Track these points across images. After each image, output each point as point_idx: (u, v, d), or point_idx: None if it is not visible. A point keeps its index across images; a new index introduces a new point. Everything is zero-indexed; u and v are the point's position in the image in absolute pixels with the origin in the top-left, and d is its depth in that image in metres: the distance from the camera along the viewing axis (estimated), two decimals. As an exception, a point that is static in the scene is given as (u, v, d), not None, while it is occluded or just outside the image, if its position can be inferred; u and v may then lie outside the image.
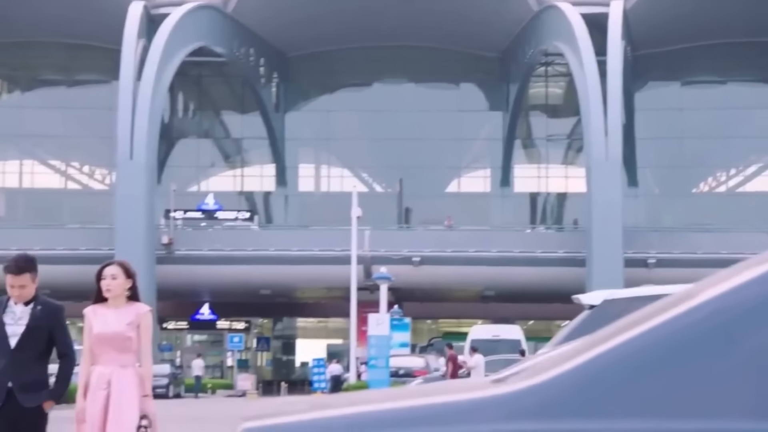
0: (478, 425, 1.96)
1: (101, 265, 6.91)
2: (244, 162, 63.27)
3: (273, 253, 50.63)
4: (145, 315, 6.85)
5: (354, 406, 2.15)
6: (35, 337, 6.71)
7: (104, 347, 6.69)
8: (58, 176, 62.91)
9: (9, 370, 6.66)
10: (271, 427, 2.13)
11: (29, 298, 6.77)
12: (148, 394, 6.72)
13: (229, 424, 11.50)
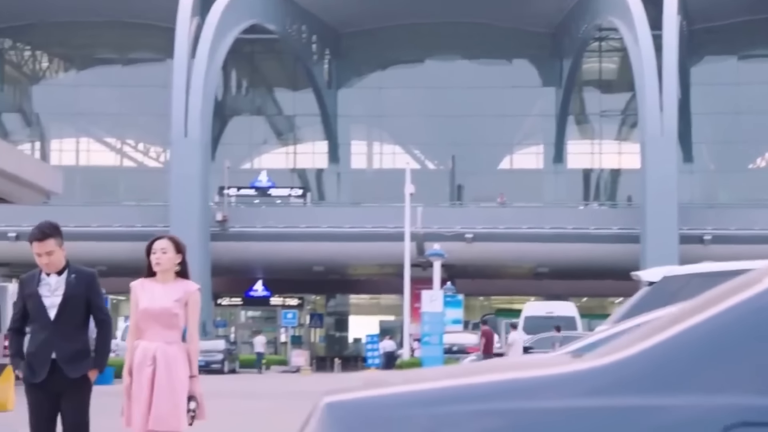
0: (565, 399, 1.98)
1: (151, 239, 6.80)
2: (297, 139, 63.44)
3: (325, 229, 50.77)
4: (193, 293, 6.70)
5: (436, 380, 2.17)
6: (73, 306, 6.63)
7: (150, 322, 6.61)
8: (114, 154, 63.56)
9: (51, 342, 6.59)
10: (353, 401, 2.16)
11: (60, 267, 6.66)
12: (195, 375, 6.61)
13: (286, 399, 11.67)
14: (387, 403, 2.13)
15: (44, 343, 6.58)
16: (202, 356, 41.41)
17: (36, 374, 6.57)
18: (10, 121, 61.69)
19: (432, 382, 2.20)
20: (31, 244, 6.57)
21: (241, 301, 60.42)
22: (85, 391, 6.63)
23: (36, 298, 6.61)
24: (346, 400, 2.14)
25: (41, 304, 6.60)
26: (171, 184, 50.53)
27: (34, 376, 6.58)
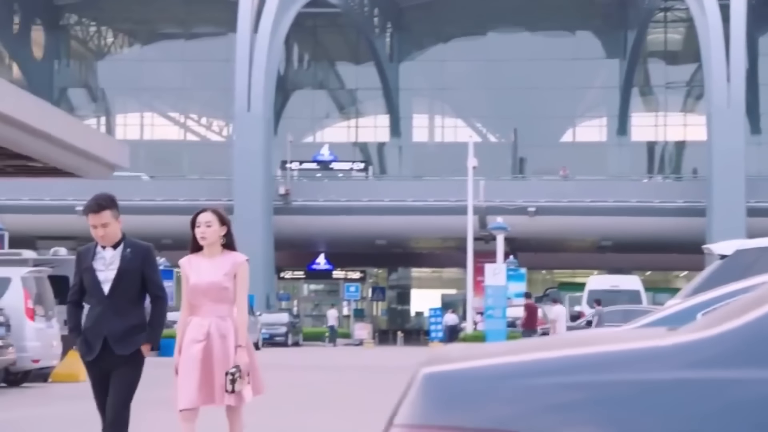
0: (669, 372, 1.96)
1: (195, 212, 6.64)
2: (359, 113, 63.47)
3: (388, 203, 50.85)
4: (241, 265, 6.55)
5: (534, 352, 2.16)
6: (128, 280, 6.47)
7: (200, 298, 6.50)
8: (177, 128, 64.08)
9: (104, 318, 6.46)
10: (451, 372, 2.15)
11: (116, 240, 6.49)
12: (241, 345, 6.47)
13: (351, 371, 11.67)
14: (486, 375, 2.12)
15: (98, 319, 6.47)
16: (266, 329, 41.82)
17: (90, 350, 6.47)
18: (76, 96, 62.46)
19: (530, 354, 2.18)
20: (87, 216, 6.46)
21: (303, 274, 60.79)
22: (135, 368, 6.49)
23: (91, 272, 6.49)
24: (444, 371, 2.13)
25: (95, 278, 6.48)
26: (234, 158, 50.92)
27: (89, 353, 6.47)
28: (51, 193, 47.11)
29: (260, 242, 49.92)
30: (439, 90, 61.47)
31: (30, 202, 47.86)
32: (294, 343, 44.77)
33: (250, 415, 13.25)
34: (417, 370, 2.27)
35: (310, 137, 61.94)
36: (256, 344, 38.99)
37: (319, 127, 62.97)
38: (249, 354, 6.49)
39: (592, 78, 60.48)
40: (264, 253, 50.35)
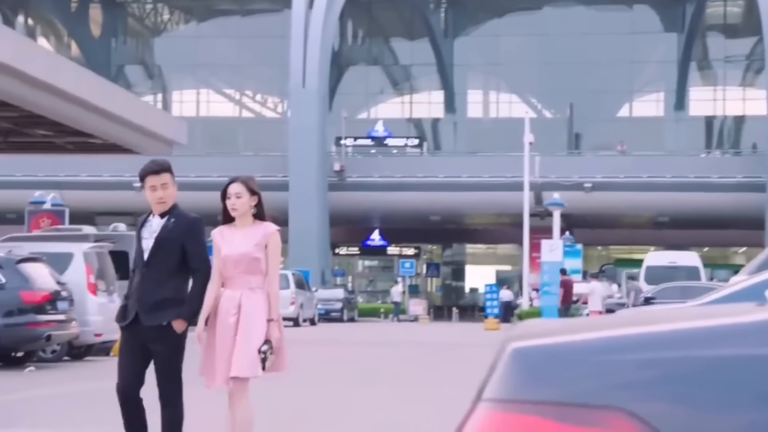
0: (762, 348, 1.94)
1: (226, 182, 6.52)
2: (413, 88, 63.32)
3: (442, 179, 50.80)
4: (272, 235, 6.45)
5: (622, 328, 2.14)
6: (166, 250, 6.37)
7: (232, 270, 6.39)
8: (232, 105, 64.37)
9: (140, 286, 6.43)
10: (540, 347, 2.14)
11: (170, 206, 6.45)
12: (273, 319, 6.34)
13: (407, 347, 11.66)
14: (575, 350, 2.11)
15: (136, 287, 6.43)
16: (322, 305, 42.06)
17: (124, 317, 6.44)
18: (133, 74, 62.96)
19: (619, 329, 2.17)
20: (145, 179, 6.38)
21: (358, 250, 60.95)
22: (170, 343, 6.33)
23: (138, 240, 6.48)
24: (532, 345, 2.12)
25: (140, 246, 6.46)
26: (289, 135, 51.13)
27: (122, 319, 6.45)
28: (109, 169, 47.65)
29: (315, 218, 50.16)
30: (493, 65, 61.11)
31: (89, 178, 48.44)
32: (349, 319, 44.98)
33: (304, 389, 13.35)
34: (505, 344, 2.26)
35: (365, 113, 61.96)
36: (312, 319, 39.52)
37: (374, 103, 62.93)
38: (279, 329, 6.39)
39: (650, 52, 59.78)
40: (319, 229, 50.58)
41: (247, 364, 6.22)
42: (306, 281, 40.05)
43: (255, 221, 6.45)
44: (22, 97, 21.93)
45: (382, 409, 11.35)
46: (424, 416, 10.92)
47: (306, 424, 9.89)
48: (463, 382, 15.55)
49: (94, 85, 24.55)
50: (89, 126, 25.03)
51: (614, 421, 1.96)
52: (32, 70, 20.78)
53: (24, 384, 13.80)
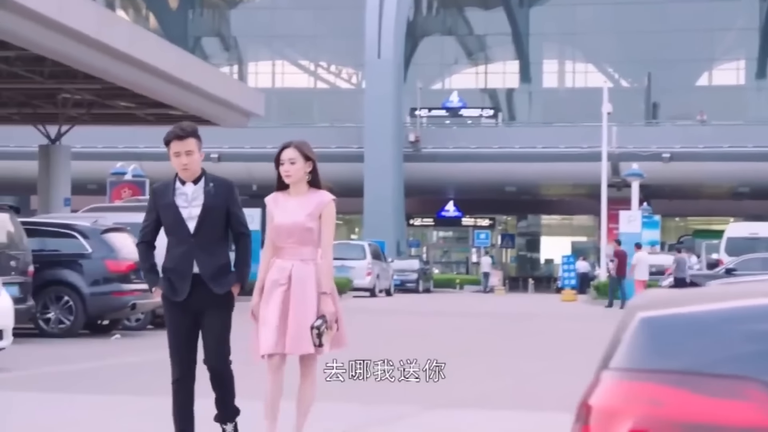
0: None
1: (279, 147, 6.20)
2: (488, 59, 62.91)
3: (518, 150, 50.49)
4: (327, 204, 6.13)
5: (745, 298, 2.13)
6: (214, 217, 6.12)
7: (284, 239, 6.10)
8: (307, 76, 64.55)
9: (192, 256, 6.10)
10: (670, 316, 2.14)
11: (197, 175, 6.17)
12: (326, 292, 6.05)
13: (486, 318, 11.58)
14: (705, 320, 2.11)
15: (184, 258, 6.10)
16: (398, 276, 42.15)
17: (177, 291, 6.11)
18: (210, 45, 63.42)
19: (743, 300, 2.16)
20: (169, 144, 6.15)
21: (432, 221, 60.94)
22: (228, 308, 6.17)
23: (172, 209, 6.12)
24: (660, 316, 2.13)
25: (179, 215, 6.11)
26: (365, 106, 51.18)
27: (176, 294, 6.11)
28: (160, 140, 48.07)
29: (390, 189, 50.21)
30: (569, 35, 60.42)
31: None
32: (425, 290, 45.01)
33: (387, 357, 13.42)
34: (631, 314, 2.27)
35: (439, 84, 61.75)
36: (388, 290, 39.66)
37: (448, 73, 62.67)
38: (334, 302, 6.10)
39: (730, 19, 58.60)
40: (394, 199, 50.65)
41: (304, 340, 5.97)
42: (382, 252, 40.17)
43: (310, 189, 6.16)
44: (105, 69, 22.28)
45: (461, 381, 11.37)
46: (501, 387, 10.93)
47: (393, 394, 9.96)
48: (543, 353, 15.53)
49: (175, 58, 24.82)
50: (170, 98, 25.35)
51: (747, 391, 1.96)
52: (115, 42, 21.07)
53: (110, 351, 14.09)
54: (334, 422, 7.91)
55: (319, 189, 6.16)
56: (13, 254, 15.01)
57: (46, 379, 10.85)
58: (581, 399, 2.19)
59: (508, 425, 8.06)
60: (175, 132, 6.13)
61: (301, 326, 5.93)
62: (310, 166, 6.12)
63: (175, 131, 6.14)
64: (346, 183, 50.85)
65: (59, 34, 19.56)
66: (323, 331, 5.89)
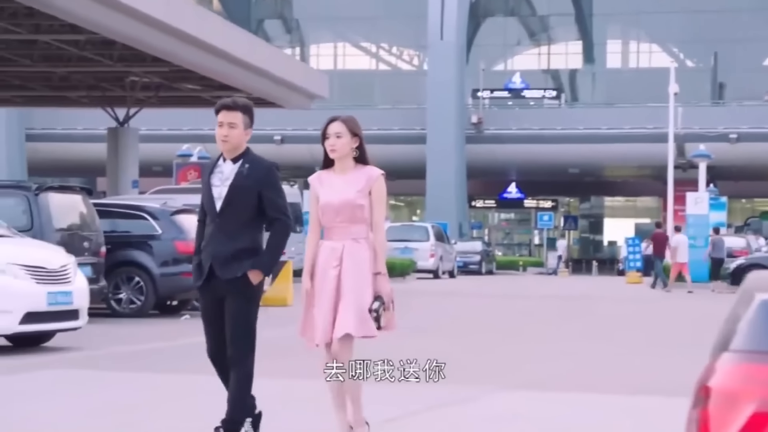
0: None
1: (325, 122, 5.89)
2: (550, 39, 62.42)
3: (582, 131, 50.12)
4: (377, 180, 5.78)
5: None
6: (241, 198, 5.78)
7: (333, 218, 5.77)
8: (369, 58, 64.54)
9: (213, 238, 5.83)
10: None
11: (238, 152, 5.85)
12: (380, 272, 5.72)
13: (553, 300, 11.49)
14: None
15: (211, 239, 5.83)
16: (460, 257, 42.08)
17: (200, 274, 5.84)
18: (272, 27, 63.66)
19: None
20: (218, 113, 5.84)
21: (494, 203, 60.74)
22: (245, 296, 5.76)
23: (207, 187, 5.89)
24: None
25: (211, 194, 5.85)
26: (427, 87, 51.09)
27: (198, 277, 5.86)
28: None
29: (453, 171, 50.12)
30: (633, 14, 59.70)
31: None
32: (487, 272, 44.91)
33: (448, 340, 13.43)
34: (748, 297, 2.24)
35: (501, 65, 61.40)
36: (451, 272, 39.61)
37: (510, 54, 62.29)
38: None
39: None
40: (456, 181, 50.55)
41: (358, 322, 5.64)
42: (445, 234, 40.12)
43: (357, 165, 5.82)
44: (173, 52, 22.47)
45: (533, 362, 11.35)
46: (572, 369, 10.89)
47: (459, 375, 9.98)
48: (613, 335, 15.45)
49: (241, 40, 24.96)
50: (235, 80, 25.51)
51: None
52: (183, 25, 21.23)
53: (180, 331, 14.25)
54: (412, 403, 7.95)
55: (364, 165, 5.83)
56: (85, 235, 15.24)
57: (118, 358, 11.01)
58: (698, 382, 2.17)
59: (583, 408, 8.04)
60: (225, 102, 5.86)
61: (361, 309, 5.63)
62: (357, 142, 5.79)
63: (225, 101, 5.87)
64: (408, 165, 50.84)
65: (129, 17, 19.76)
66: (381, 314, 5.64)
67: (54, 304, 11.14)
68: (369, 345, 6.12)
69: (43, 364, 10.19)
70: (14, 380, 9.13)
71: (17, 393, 8.44)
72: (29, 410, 7.46)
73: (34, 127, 51.07)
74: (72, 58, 24.67)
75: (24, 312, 10.84)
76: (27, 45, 23.77)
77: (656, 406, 8.08)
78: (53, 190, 15.10)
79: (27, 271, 10.95)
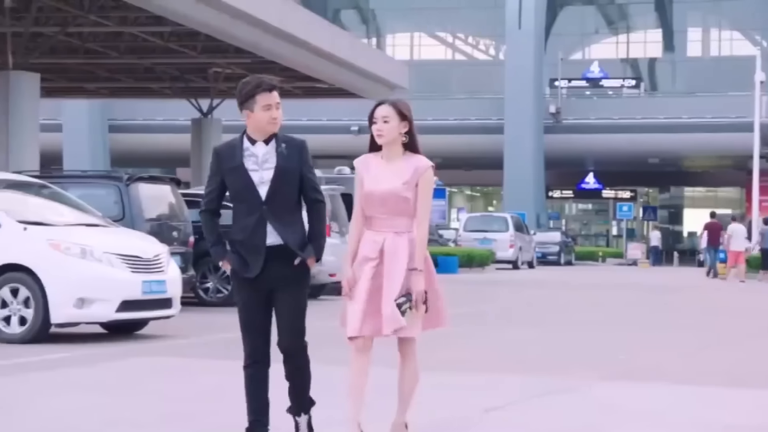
0: None
1: (374, 105, 5.53)
2: (629, 27, 61.65)
3: (662, 121, 49.44)
4: (426, 171, 5.41)
5: None
6: (288, 181, 5.37)
7: (376, 208, 5.42)
8: (445, 48, 64.36)
9: (264, 227, 5.36)
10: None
11: (269, 135, 5.40)
12: (417, 268, 5.36)
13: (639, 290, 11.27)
14: None
15: (256, 229, 5.35)
16: (539, 248, 41.80)
17: (249, 266, 5.37)
18: (348, 18, 63.76)
19: None
20: (253, 97, 5.33)
21: (572, 193, 60.26)
22: (304, 284, 5.46)
23: (241, 172, 5.36)
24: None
25: (249, 179, 5.35)
26: (505, 77, 50.78)
27: (248, 269, 5.37)
28: (327, 113, 48.57)
29: (530, 161, 49.78)
30: (715, 1, 58.73)
31: (309, 122, 49.52)
32: (566, 263, 44.55)
33: (538, 328, 13.31)
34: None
35: (579, 54, 60.80)
36: (530, 263, 39.37)
37: (588, 43, 61.66)
38: (429, 280, 5.43)
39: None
40: (534, 172, 50.21)
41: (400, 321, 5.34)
42: (524, 224, 39.88)
43: (406, 153, 5.45)
44: (256, 43, 22.60)
45: (632, 352, 11.23)
46: (671, 359, 10.75)
47: (551, 365, 9.90)
48: (705, 325, 15.20)
49: (324, 31, 25.02)
50: (318, 71, 25.59)
51: None
52: (266, 16, 21.34)
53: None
54: (510, 392, 7.90)
55: (414, 153, 5.46)
56: (174, 225, 15.41)
57: (208, 346, 11.13)
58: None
59: (691, 400, 7.92)
60: (263, 85, 5.34)
61: (392, 304, 5.32)
62: (406, 127, 5.40)
63: (264, 84, 5.35)
64: (484, 155, 50.65)
65: (214, 8, 19.92)
66: (405, 310, 5.28)
67: (149, 293, 11.28)
68: (457, 334, 6.08)
69: (137, 352, 10.34)
70: (109, 367, 9.27)
71: (112, 380, 8.57)
72: (124, 397, 7.55)
73: (116, 118, 51.83)
74: (157, 50, 24.96)
75: (120, 300, 11.00)
76: (114, 37, 24.11)
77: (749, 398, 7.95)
78: (143, 180, 15.28)
79: (123, 260, 11.10)
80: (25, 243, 10.84)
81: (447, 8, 60.89)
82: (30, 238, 10.89)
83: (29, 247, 10.82)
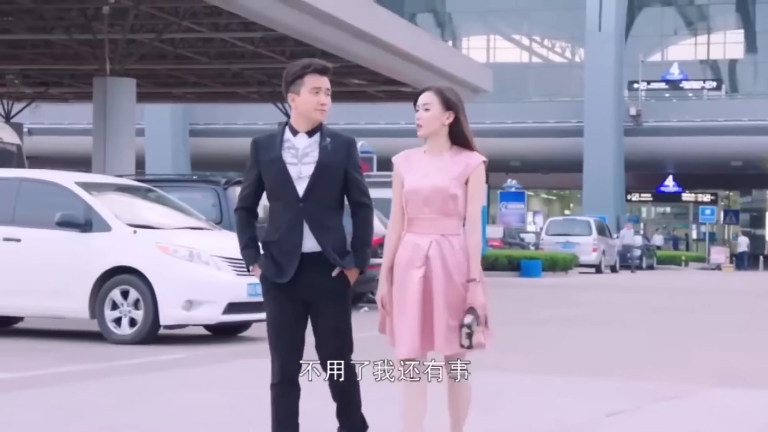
0: None
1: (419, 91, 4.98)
2: (710, 28, 60.85)
3: (746, 123, 48.76)
4: (477, 167, 4.79)
5: None
6: (329, 179, 4.77)
7: (419, 208, 4.79)
8: (521, 50, 64.09)
9: (300, 227, 4.76)
10: None
11: (315, 126, 4.82)
12: (475, 279, 4.73)
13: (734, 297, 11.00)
14: None
15: (291, 229, 4.76)
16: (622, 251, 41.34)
17: (282, 271, 4.77)
18: (424, 21, 63.79)
19: None
20: (302, 77, 4.76)
21: (650, 196, 59.63)
22: (347, 294, 4.86)
23: (279, 165, 4.78)
24: None
25: (286, 173, 4.76)
26: (585, 79, 50.48)
27: (281, 274, 4.77)
28: (406, 117, 48.60)
29: (611, 164, 49.37)
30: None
31: (387, 126, 49.63)
32: (648, 267, 44.04)
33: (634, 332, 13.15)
34: None
35: (658, 56, 60.16)
36: (613, 266, 38.96)
37: (667, 44, 60.98)
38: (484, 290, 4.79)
39: None
40: (614, 174, 49.80)
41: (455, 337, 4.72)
42: (607, 228, 39.55)
43: (453, 147, 4.82)
44: (343, 47, 22.71)
45: (740, 358, 11.07)
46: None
47: (654, 370, 9.80)
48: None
49: (409, 34, 25.07)
50: (402, 74, 25.64)
51: None
52: (355, 20, 21.43)
53: (359, 323, 14.35)
54: (621, 398, 7.84)
55: (464, 147, 4.83)
56: (259, 227, 15.51)
57: (309, 347, 11.15)
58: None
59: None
60: (317, 66, 4.77)
61: (450, 322, 4.70)
62: (451, 117, 4.79)
63: (317, 66, 4.77)
64: (563, 158, 50.33)
65: (304, 13, 20.05)
66: (474, 330, 4.66)
67: (253, 295, 11.36)
68: (554, 338, 6.03)
69: (243, 354, 10.42)
70: (213, 370, 9.33)
71: (216, 382, 8.62)
72: (227, 399, 7.58)
73: (197, 123, 52.46)
74: (246, 55, 25.21)
75: (227, 302, 11.12)
76: (205, 43, 24.41)
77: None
78: (240, 184, 15.40)
79: (228, 263, 11.21)
80: (135, 246, 11.01)
81: (522, 10, 60.62)
82: (139, 240, 11.06)
83: (139, 249, 10.99)
